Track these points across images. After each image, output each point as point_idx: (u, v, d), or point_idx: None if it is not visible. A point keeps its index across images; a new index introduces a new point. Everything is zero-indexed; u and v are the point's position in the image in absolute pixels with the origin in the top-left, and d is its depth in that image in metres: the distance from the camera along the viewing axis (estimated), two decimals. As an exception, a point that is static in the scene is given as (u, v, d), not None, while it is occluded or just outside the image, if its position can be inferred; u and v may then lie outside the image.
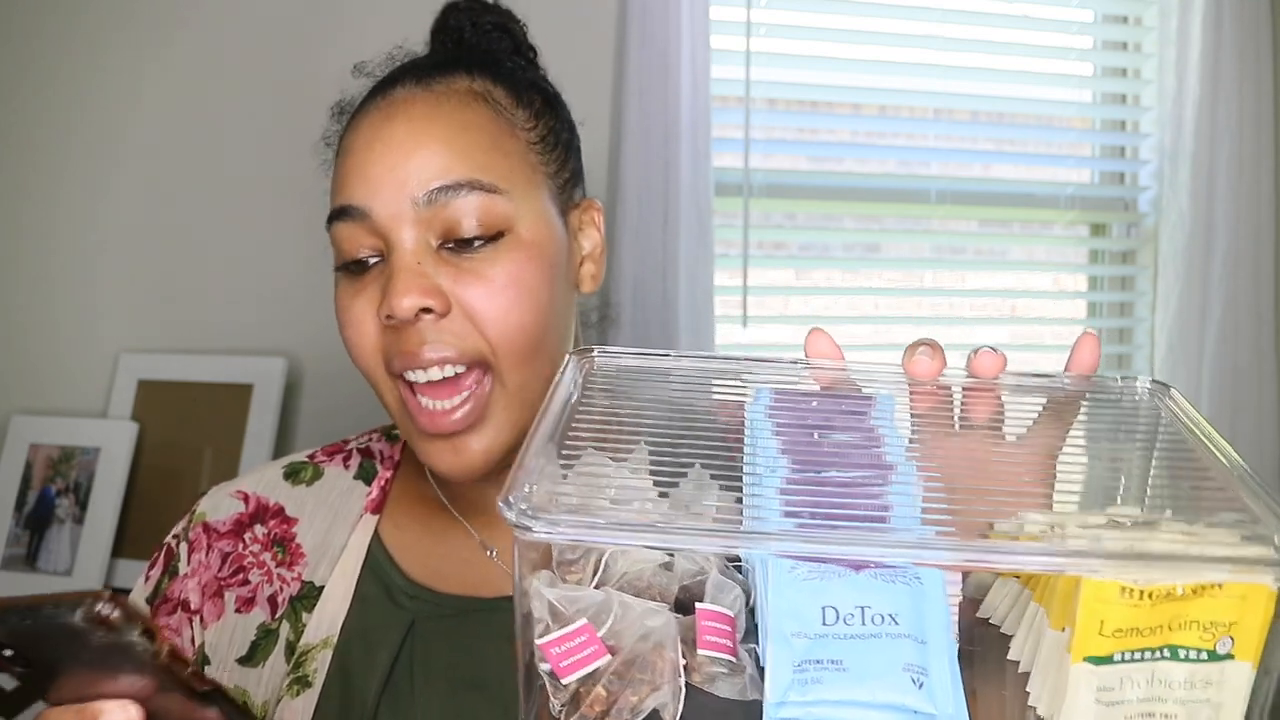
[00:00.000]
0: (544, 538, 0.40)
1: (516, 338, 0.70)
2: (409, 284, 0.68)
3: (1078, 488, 0.56)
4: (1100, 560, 0.41)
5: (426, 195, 0.69)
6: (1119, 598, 0.41)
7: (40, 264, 1.66)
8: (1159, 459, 0.54)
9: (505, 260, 0.70)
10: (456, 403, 0.70)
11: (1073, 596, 0.42)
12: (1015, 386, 0.55)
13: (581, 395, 0.52)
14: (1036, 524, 0.45)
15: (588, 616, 0.42)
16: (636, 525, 0.42)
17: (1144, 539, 0.43)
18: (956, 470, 0.52)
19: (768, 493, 0.46)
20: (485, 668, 0.72)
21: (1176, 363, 1.94)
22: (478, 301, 0.69)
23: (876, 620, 0.42)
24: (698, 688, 0.42)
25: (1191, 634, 0.42)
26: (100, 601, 0.43)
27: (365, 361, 0.73)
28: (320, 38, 1.68)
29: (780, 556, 0.42)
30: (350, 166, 0.72)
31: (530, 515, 0.40)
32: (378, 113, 0.73)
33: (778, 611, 0.42)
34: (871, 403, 0.53)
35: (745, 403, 0.54)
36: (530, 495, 0.41)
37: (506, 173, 0.72)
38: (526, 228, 0.72)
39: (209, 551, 0.79)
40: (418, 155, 0.70)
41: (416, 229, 0.70)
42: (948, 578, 0.44)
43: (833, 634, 0.41)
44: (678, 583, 0.45)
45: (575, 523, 0.41)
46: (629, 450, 0.49)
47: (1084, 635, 0.42)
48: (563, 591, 0.43)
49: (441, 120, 0.71)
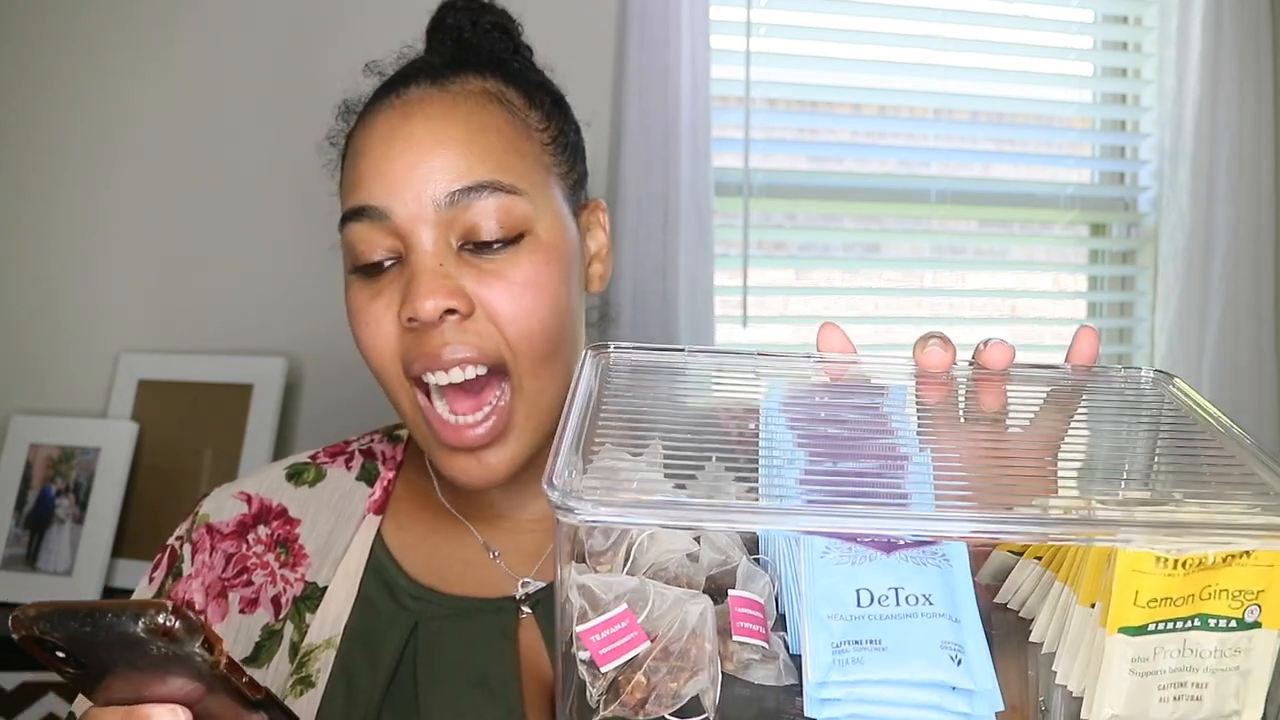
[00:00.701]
0: (588, 519, 0.40)
1: (537, 338, 0.70)
2: (433, 286, 0.68)
3: (1086, 471, 0.57)
4: (1136, 530, 0.42)
5: (448, 196, 0.69)
6: (1153, 567, 0.42)
7: (40, 264, 1.65)
8: (1165, 441, 0.54)
9: (526, 262, 0.70)
10: (479, 418, 0.70)
11: (1104, 570, 0.43)
12: (1019, 378, 0.56)
13: (600, 391, 0.52)
14: (1057, 506, 0.46)
15: (626, 602, 0.42)
16: (676, 504, 0.42)
17: (1174, 510, 0.43)
18: (967, 459, 0.52)
19: (787, 483, 0.46)
20: (489, 668, 0.71)
21: (1176, 363, 1.94)
22: (500, 303, 0.69)
23: (911, 600, 0.42)
24: (732, 674, 0.42)
25: (1221, 603, 0.43)
26: (162, 612, 0.43)
27: (382, 364, 0.72)
28: (321, 38, 1.68)
29: (812, 539, 0.43)
30: (367, 166, 0.71)
31: (574, 496, 0.40)
32: (394, 111, 0.72)
33: (812, 594, 0.42)
34: (884, 394, 0.54)
35: (759, 397, 0.54)
36: (571, 480, 0.41)
37: (524, 174, 0.72)
38: (545, 229, 0.72)
39: (212, 552, 0.79)
40: (438, 155, 0.69)
41: (437, 230, 0.69)
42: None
43: (868, 615, 0.42)
44: (704, 573, 0.46)
45: (619, 502, 0.41)
46: (644, 445, 0.49)
47: (1120, 606, 0.42)
48: (600, 578, 0.43)
49: (460, 120, 0.71)
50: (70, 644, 0.44)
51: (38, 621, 0.44)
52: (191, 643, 0.43)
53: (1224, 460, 0.49)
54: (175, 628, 0.43)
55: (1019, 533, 0.43)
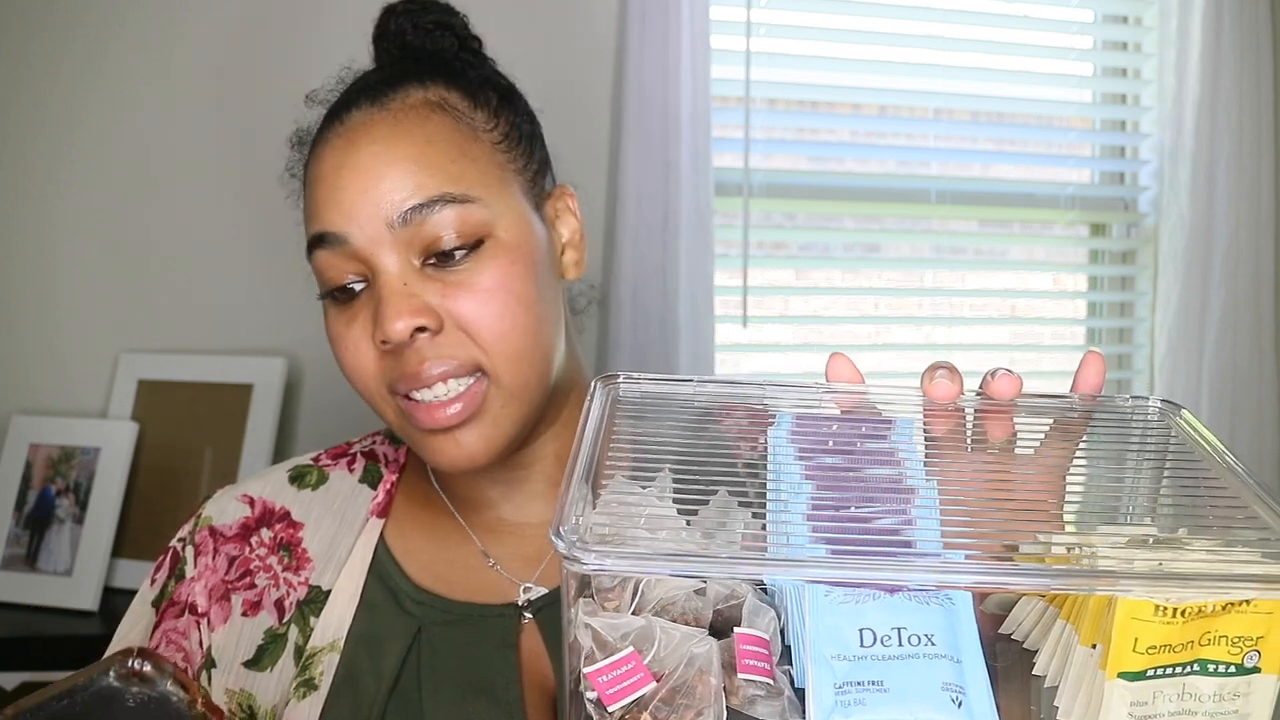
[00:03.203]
0: (594, 569, 0.41)
1: (513, 339, 0.70)
2: (399, 306, 0.68)
3: (1090, 504, 0.57)
4: (1135, 581, 0.42)
5: (401, 216, 0.69)
6: (1153, 616, 0.42)
7: (40, 264, 1.65)
8: (1170, 475, 0.55)
9: (490, 267, 0.70)
10: (451, 397, 0.70)
11: (1104, 615, 0.43)
12: (1026, 408, 0.56)
13: (609, 422, 0.52)
14: (1061, 545, 0.46)
15: (632, 643, 0.43)
16: (683, 555, 0.42)
17: (1174, 559, 0.44)
18: (972, 489, 0.53)
19: (794, 518, 0.47)
20: (492, 674, 0.72)
21: (1176, 363, 1.94)
22: (469, 313, 0.70)
23: (913, 641, 0.43)
24: (737, 709, 0.43)
25: (1220, 649, 0.43)
26: (130, 657, 0.44)
27: (366, 385, 0.73)
28: (321, 36, 1.68)
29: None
30: (321, 195, 0.72)
31: (581, 547, 0.41)
32: (339, 139, 0.72)
33: (816, 634, 0.43)
34: (892, 426, 0.54)
35: (767, 427, 0.54)
36: (578, 526, 0.42)
37: (476, 179, 0.72)
38: (505, 229, 0.72)
39: (215, 555, 0.79)
40: (387, 178, 0.70)
41: (397, 250, 0.70)
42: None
43: (871, 655, 0.42)
44: (711, 607, 0.46)
45: (624, 553, 0.41)
46: (653, 476, 0.50)
47: (1119, 652, 0.43)
48: (606, 619, 0.44)
49: (404, 139, 0.71)
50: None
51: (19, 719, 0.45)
52: (164, 681, 0.44)
53: (1226, 500, 0.49)
54: (145, 669, 0.44)
55: (1022, 584, 0.43)
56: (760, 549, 0.46)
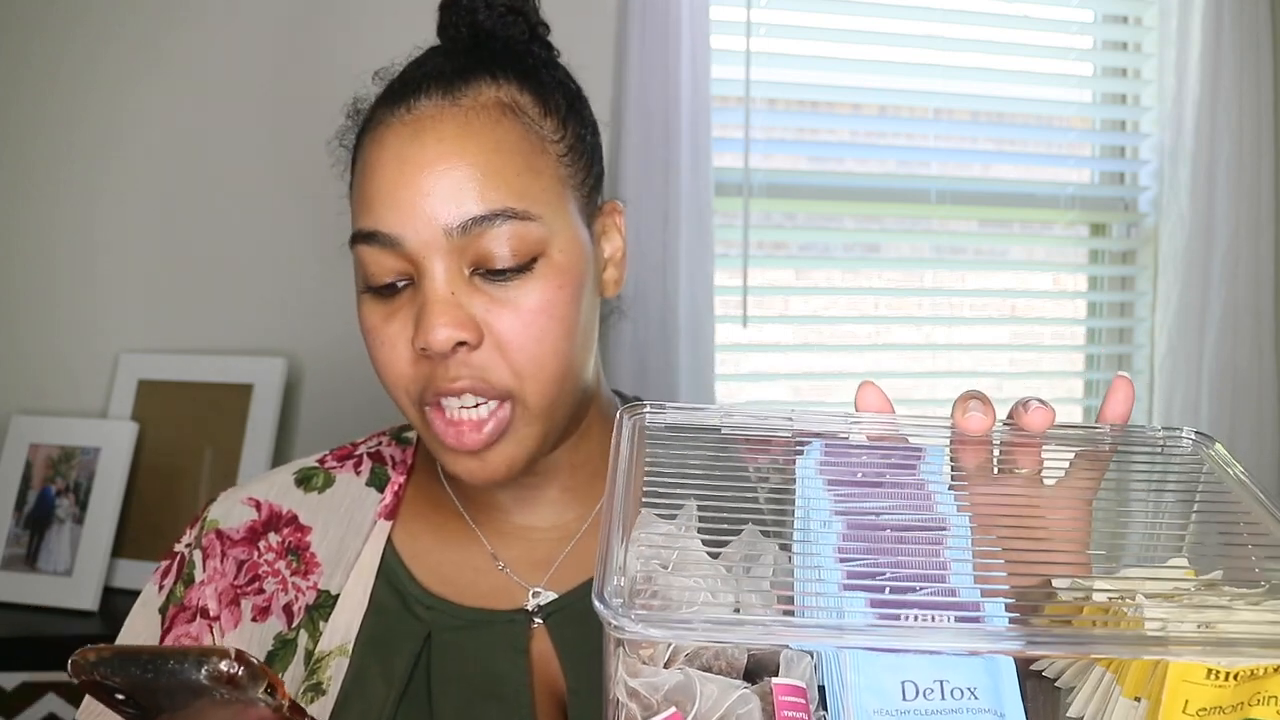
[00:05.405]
0: (639, 636, 0.40)
1: (547, 363, 0.69)
2: (445, 317, 0.66)
3: (1120, 538, 0.57)
4: (1188, 648, 0.42)
5: (461, 225, 0.67)
6: (1205, 679, 0.42)
7: (40, 264, 1.65)
8: (1201, 511, 0.54)
9: (537, 289, 0.68)
10: (475, 419, 0.69)
11: (1150, 670, 0.43)
12: (1056, 438, 0.56)
13: (636, 456, 0.52)
14: (1101, 591, 0.46)
15: (674, 702, 0.43)
16: (728, 623, 0.42)
17: (1223, 619, 0.44)
18: (1002, 519, 0.53)
19: (824, 556, 0.47)
20: (502, 679, 0.71)
21: (1176, 363, 1.94)
22: (508, 331, 0.68)
23: (956, 694, 0.43)
24: None
25: (1270, 709, 0.43)
26: (225, 660, 0.43)
27: (395, 384, 0.71)
28: (322, 40, 1.68)
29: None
30: (375, 188, 0.69)
31: (624, 614, 0.40)
32: (404, 128, 0.69)
33: (858, 686, 0.42)
34: (921, 455, 0.54)
35: (795, 457, 0.54)
36: (621, 589, 0.41)
37: (539, 195, 0.69)
38: (559, 250, 0.70)
39: (224, 559, 0.78)
40: (449, 180, 0.67)
41: (449, 258, 0.67)
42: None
43: (914, 710, 0.42)
44: (745, 651, 0.46)
45: (670, 623, 0.41)
46: (678, 508, 0.49)
47: (1169, 713, 0.43)
48: (645, 679, 0.43)
49: (473, 141, 0.68)
50: (130, 688, 0.45)
51: (99, 666, 0.44)
52: (255, 688, 0.44)
53: (1261, 539, 0.49)
54: (239, 675, 0.43)
55: (1067, 651, 0.43)
56: (806, 619, 0.46)
